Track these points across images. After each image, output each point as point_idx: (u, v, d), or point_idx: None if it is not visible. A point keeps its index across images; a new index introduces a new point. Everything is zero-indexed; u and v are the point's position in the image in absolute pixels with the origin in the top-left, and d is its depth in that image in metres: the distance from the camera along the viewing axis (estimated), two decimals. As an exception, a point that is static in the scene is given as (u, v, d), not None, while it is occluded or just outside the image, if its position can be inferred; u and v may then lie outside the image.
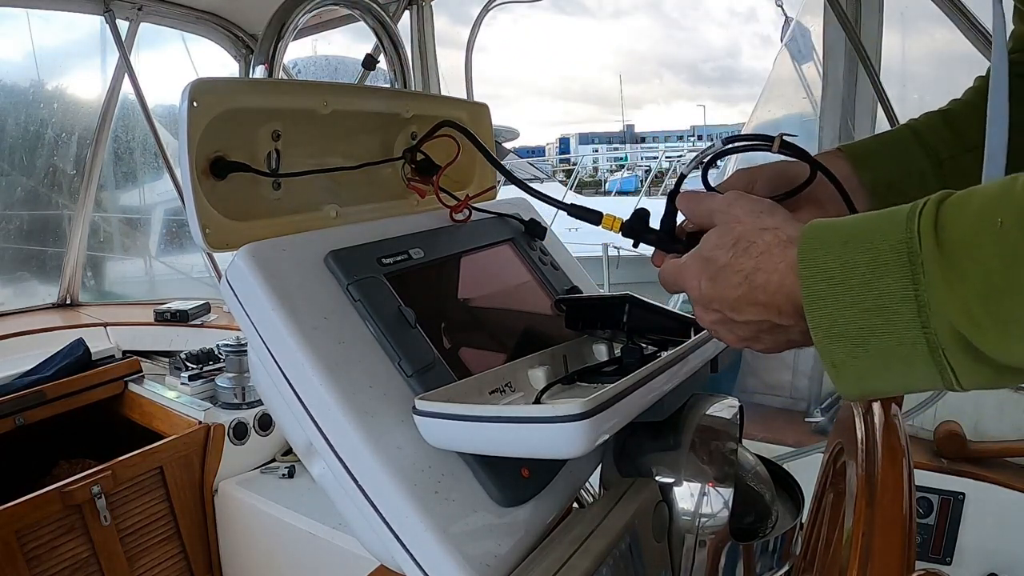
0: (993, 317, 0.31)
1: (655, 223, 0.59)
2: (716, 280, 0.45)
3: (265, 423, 1.93)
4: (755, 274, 0.42)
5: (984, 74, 0.69)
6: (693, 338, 0.62)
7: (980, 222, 0.31)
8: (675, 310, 0.71)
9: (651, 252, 0.59)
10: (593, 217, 0.60)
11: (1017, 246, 0.30)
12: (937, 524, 1.43)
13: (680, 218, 0.58)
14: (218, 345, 2.05)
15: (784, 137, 0.53)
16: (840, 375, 0.37)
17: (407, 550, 0.51)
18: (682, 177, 0.61)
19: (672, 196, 0.57)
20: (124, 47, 2.22)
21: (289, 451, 1.98)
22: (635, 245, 0.59)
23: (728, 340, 0.48)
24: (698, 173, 0.59)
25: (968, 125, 0.64)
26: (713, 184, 0.59)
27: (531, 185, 0.71)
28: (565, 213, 0.62)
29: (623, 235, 0.58)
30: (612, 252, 6.34)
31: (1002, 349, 0.31)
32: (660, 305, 0.68)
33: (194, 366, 2.04)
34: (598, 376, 0.65)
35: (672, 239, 0.58)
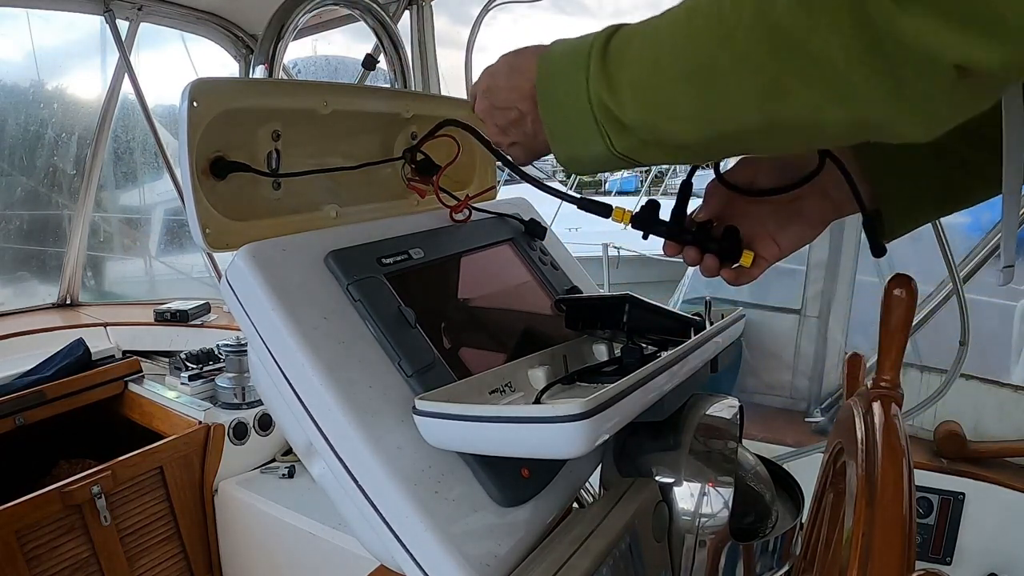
0: (625, 85, 0.44)
1: (665, 215, 0.60)
2: (493, 75, 0.58)
3: (265, 423, 1.93)
4: (516, 58, 0.56)
5: None
6: (693, 338, 0.62)
7: (635, 33, 0.45)
8: (675, 310, 0.71)
9: (651, 252, 0.60)
10: (603, 210, 0.61)
11: (657, 42, 0.43)
12: (937, 524, 1.43)
13: (690, 208, 0.59)
14: (218, 345, 2.05)
15: None
16: (554, 140, 0.51)
17: (407, 550, 0.51)
18: (694, 168, 0.62)
19: (685, 186, 0.60)
20: (124, 47, 2.21)
21: (289, 451, 1.98)
22: (645, 236, 0.60)
23: (490, 131, 0.60)
24: (704, 169, 0.60)
25: None
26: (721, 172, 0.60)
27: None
28: (575, 207, 0.63)
29: (633, 227, 0.60)
30: (612, 252, 6.34)
31: (625, 107, 0.44)
32: (660, 305, 0.68)
33: (194, 366, 2.03)
34: (598, 376, 0.65)
35: (682, 229, 0.59)
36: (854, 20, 0.32)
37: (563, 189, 0.68)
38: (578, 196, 0.63)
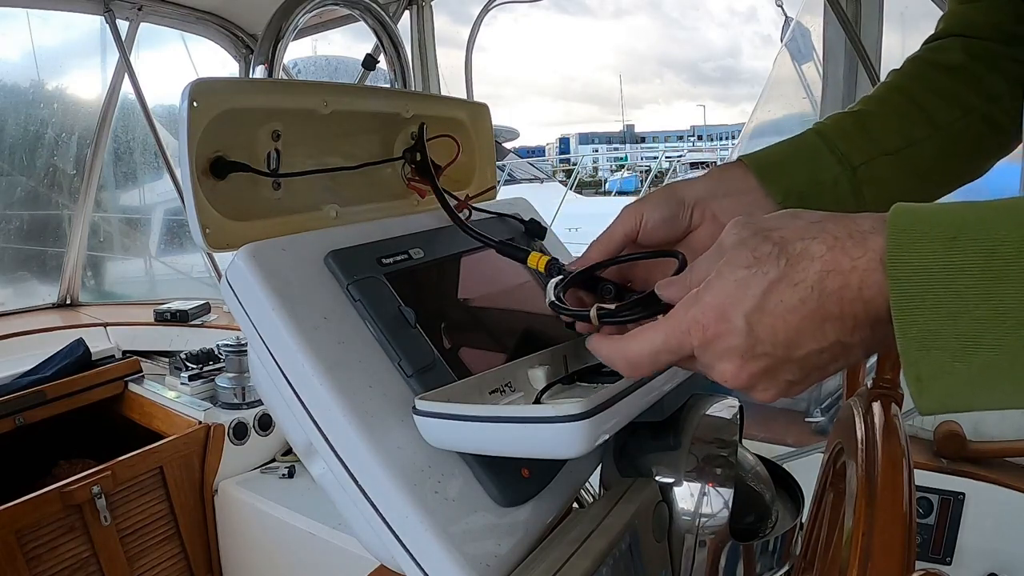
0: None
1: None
2: (763, 308, 0.33)
3: (265, 423, 1.93)
4: (826, 279, 0.32)
5: (897, 67, 0.65)
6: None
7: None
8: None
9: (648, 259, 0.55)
10: (520, 255, 0.60)
11: None
12: (937, 524, 1.43)
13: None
14: (218, 345, 2.05)
15: None
16: (926, 390, 0.32)
17: (407, 550, 0.51)
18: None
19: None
20: (124, 47, 2.22)
21: (289, 451, 1.98)
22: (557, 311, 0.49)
23: (765, 396, 0.37)
24: None
25: (884, 127, 0.60)
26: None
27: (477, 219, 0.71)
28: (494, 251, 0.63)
29: (546, 276, 0.54)
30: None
31: None
32: None
33: (194, 366, 2.04)
34: (598, 376, 0.65)
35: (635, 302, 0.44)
36: None
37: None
38: (496, 241, 0.62)
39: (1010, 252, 0.28)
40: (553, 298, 0.48)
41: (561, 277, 0.53)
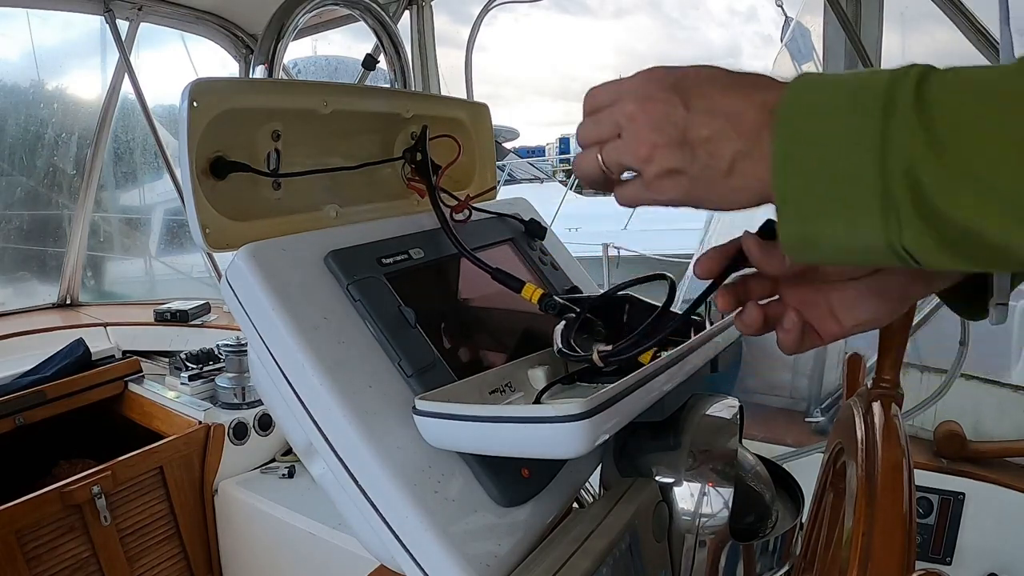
0: (958, 155, 0.30)
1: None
2: (696, 71, 0.39)
3: (265, 423, 1.93)
4: (747, 80, 0.38)
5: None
6: (693, 338, 0.62)
7: (972, 83, 0.31)
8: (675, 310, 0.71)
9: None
10: (515, 285, 0.62)
11: (1005, 110, 0.29)
12: (937, 524, 1.43)
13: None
14: (218, 345, 2.05)
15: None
16: (785, 210, 0.35)
17: (407, 550, 0.51)
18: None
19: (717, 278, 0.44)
20: (124, 47, 2.22)
21: (289, 451, 1.98)
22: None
23: (642, 135, 0.39)
24: None
25: None
26: None
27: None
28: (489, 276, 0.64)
29: (540, 308, 0.59)
30: (612, 252, 6.34)
31: (951, 196, 0.30)
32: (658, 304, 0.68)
33: (194, 366, 2.04)
34: (598, 376, 0.65)
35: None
36: None
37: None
38: (492, 267, 0.63)
39: (864, 97, 0.32)
40: (561, 346, 0.53)
41: (565, 323, 0.56)
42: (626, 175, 0.42)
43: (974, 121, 0.30)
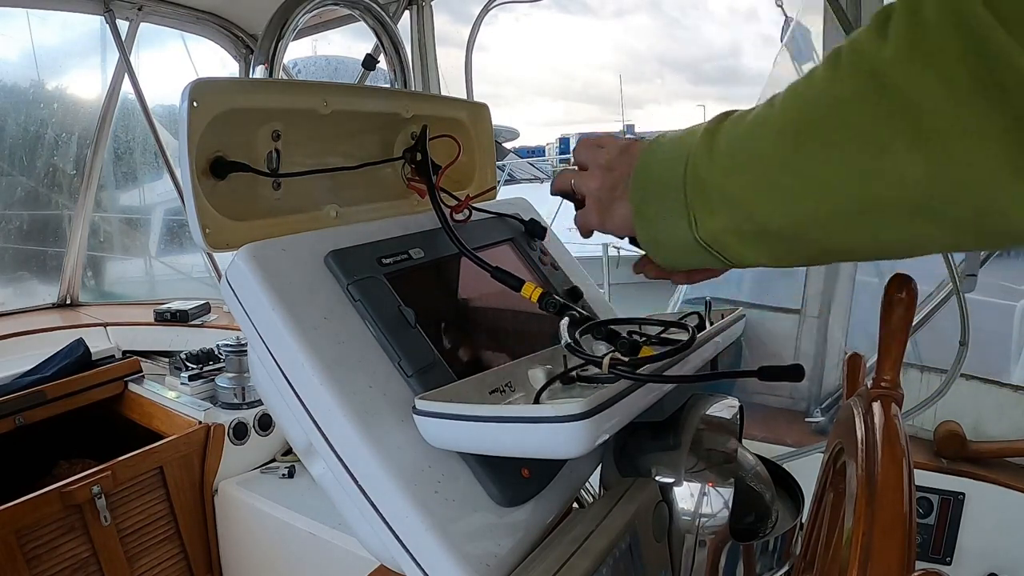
0: (727, 155, 0.42)
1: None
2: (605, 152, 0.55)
3: (265, 423, 1.93)
4: (628, 147, 0.53)
5: None
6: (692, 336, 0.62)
7: (740, 115, 0.43)
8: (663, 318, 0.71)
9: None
10: (515, 283, 0.62)
11: (756, 124, 0.41)
12: (937, 524, 1.43)
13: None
14: (218, 345, 2.05)
15: None
16: (639, 220, 0.49)
17: (407, 550, 0.51)
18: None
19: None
20: (124, 47, 2.22)
21: (289, 451, 1.98)
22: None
23: (590, 185, 0.55)
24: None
25: None
26: None
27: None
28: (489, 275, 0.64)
29: (540, 307, 0.60)
30: (612, 252, 6.34)
31: (724, 177, 0.42)
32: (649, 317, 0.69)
33: (194, 366, 2.04)
34: (598, 375, 0.65)
35: None
36: (969, 62, 0.30)
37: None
38: (492, 266, 0.64)
39: (681, 144, 0.46)
40: (569, 340, 0.55)
41: (569, 320, 0.58)
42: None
43: (741, 131, 0.42)
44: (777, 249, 0.42)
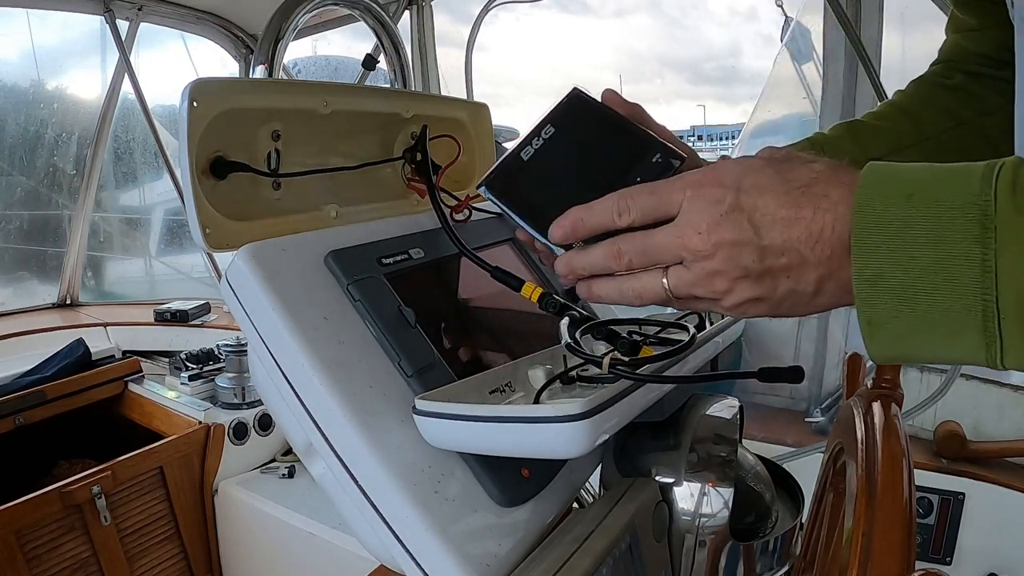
0: None
1: None
2: (755, 184, 0.37)
3: (265, 423, 1.93)
4: (813, 185, 0.36)
5: (902, 88, 0.71)
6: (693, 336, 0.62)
7: None
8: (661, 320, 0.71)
9: None
10: (515, 283, 0.59)
11: None
12: (937, 524, 1.43)
13: None
14: (218, 345, 2.05)
15: None
16: (875, 333, 0.34)
17: (407, 550, 0.51)
18: None
19: None
20: (124, 47, 2.22)
21: (289, 451, 1.98)
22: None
23: (720, 280, 0.38)
24: None
25: (874, 137, 0.64)
26: None
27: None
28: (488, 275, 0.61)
29: (541, 307, 0.56)
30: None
31: None
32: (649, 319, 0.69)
33: (194, 366, 2.04)
34: (598, 376, 0.65)
35: None
36: None
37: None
38: (492, 266, 0.60)
39: (954, 207, 0.31)
40: (569, 340, 0.51)
41: (570, 320, 0.55)
42: None
43: None
44: None
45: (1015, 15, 0.52)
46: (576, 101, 0.48)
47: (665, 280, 0.40)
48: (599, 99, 0.49)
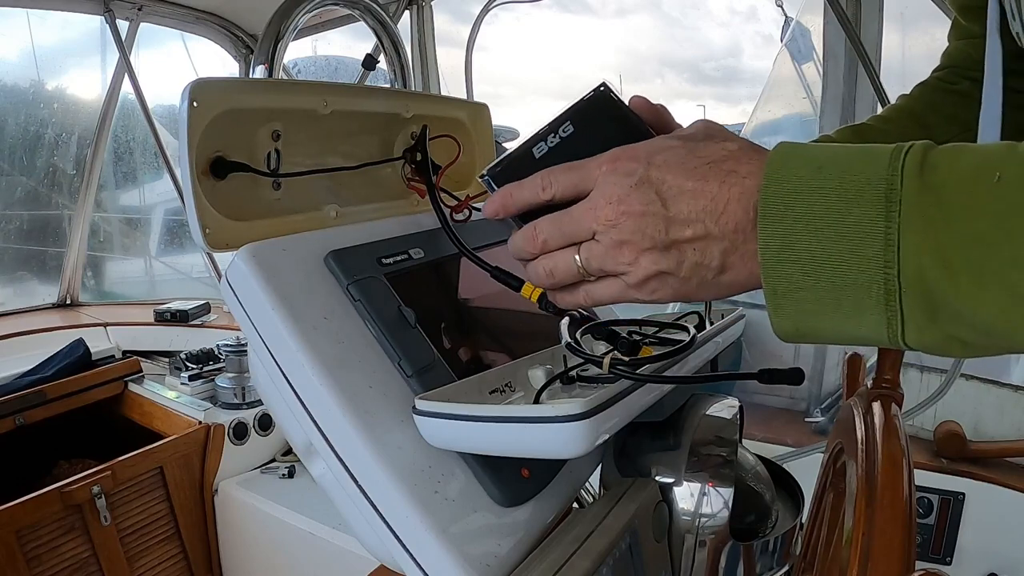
0: (972, 266, 0.29)
1: None
2: (665, 160, 0.37)
3: (265, 423, 1.93)
4: (723, 162, 0.36)
5: (907, 92, 0.71)
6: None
7: (976, 172, 0.30)
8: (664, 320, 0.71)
9: None
10: (514, 284, 0.58)
11: (1015, 200, 0.28)
12: (937, 524, 1.43)
13: None
14: (218, 345, 2.05)
15: None
16: (780, 307, 0.34)
17: (407, 550, 0.51)
18: None
19: None
20: (124, 47, 2.22)
21: (289, 451, 1.98)
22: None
23: (627, 250, 0.38)
24: None
25: (879, 141, 0.64)
26: None
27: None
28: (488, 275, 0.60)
29: (540, 307, 0.55)
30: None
31: (972, 301, 0.29)
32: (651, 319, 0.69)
33: (194, 366, 2.04)
34: (598, 376, 0.65)
35: None
36: None
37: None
38: (492, 266, 0.59)
39: (861, 181, 0.32)
40: (569, 340, 0.52)
41: (569, 320, 0.55)
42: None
43: (976, 227, 0.29)
44: (986, 352, 0.33)
45: (1013, 27, 0.52)
46: (603, 98, 0.47)
47: (577, 256, 0.41)
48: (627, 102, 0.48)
